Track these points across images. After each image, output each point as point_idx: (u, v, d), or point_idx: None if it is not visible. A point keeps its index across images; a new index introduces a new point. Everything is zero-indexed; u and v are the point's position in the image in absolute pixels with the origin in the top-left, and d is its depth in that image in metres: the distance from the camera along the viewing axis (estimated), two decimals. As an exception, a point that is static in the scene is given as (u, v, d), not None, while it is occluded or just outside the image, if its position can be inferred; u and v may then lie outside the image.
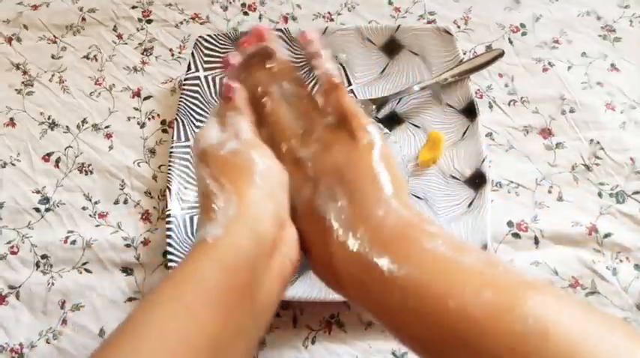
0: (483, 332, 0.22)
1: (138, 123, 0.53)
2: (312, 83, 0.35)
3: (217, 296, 0.25)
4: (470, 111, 0.49)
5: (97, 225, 0.48)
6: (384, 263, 0.25)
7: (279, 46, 0.35)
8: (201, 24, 0.58)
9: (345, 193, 0.29)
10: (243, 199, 0.28)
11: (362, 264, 0.26)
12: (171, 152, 0.48)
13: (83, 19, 0.59)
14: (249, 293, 0.27)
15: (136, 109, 0.54)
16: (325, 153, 0.31)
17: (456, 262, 0.25)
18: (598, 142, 0.50)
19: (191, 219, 0.46)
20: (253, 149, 0.31)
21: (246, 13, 0.59)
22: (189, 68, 0.52)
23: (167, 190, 0.46)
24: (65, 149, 0.52)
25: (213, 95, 0.52)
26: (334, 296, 0.41)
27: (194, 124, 0.50)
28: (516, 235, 0.47)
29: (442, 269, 0.25)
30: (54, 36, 0.58)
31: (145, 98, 0.54)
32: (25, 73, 0.56)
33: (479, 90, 0.53)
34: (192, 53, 0.53)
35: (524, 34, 0.56)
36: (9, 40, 0.58)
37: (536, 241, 0.46)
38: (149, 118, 0.53)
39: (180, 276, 0.26)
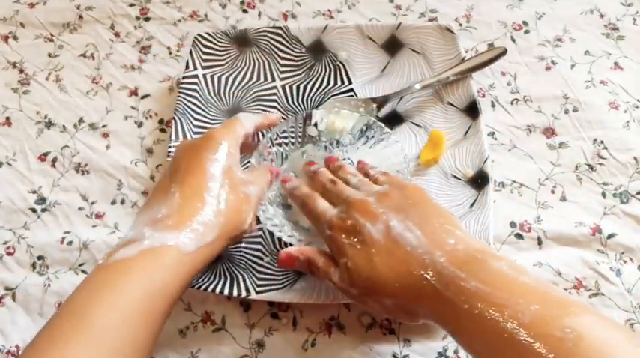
0: (528, 336, 0.26)
1: (135, 122, 0.52)
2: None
3: (151, 307, 0.31)
4: (472, 110, 0.49)
5: (94, 226, 0.48)
6: (461, 277, 0.30)
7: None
8: (199, 22, 0.58)
9: (416, 226, 0.34)
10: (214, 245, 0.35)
11: (442, 278, 0.31)
12: (169, 151, 0.48)
13: (80, 17, 0.58)
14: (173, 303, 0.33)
15: (134, 108, 0.53)
16: (386, 198, 0.36)
17: (515, 280, 0.30)
18: (601, 142, 0.50)
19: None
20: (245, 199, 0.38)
21: (245, 11, 0.58)
22: (187, 66, 0.52)
23: (165, 190, 0.46)
24: (62, 148, 0.51)
25: (212, 94, 0.52)
26: (334, 298, 0.41)
27: (192, 123, 0.50)
28: (519, 236, 0.46)
29: (503, 285, 0.30)
30: (51, 34, 0.57)
31: (143, 97, 0.54)
32: (21, 71, 0.55)
33: (481, 88, 0.53)
34: (191, 51, 0.52)
35: (526, 32, 0.56)
36: (5, 39, 0.57)
37: (540, 242, 0.46)
38: (147, 117, 0.53)
39: (122, 279, 0.31)
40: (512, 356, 0.27)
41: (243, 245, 0.45)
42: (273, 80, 0.53)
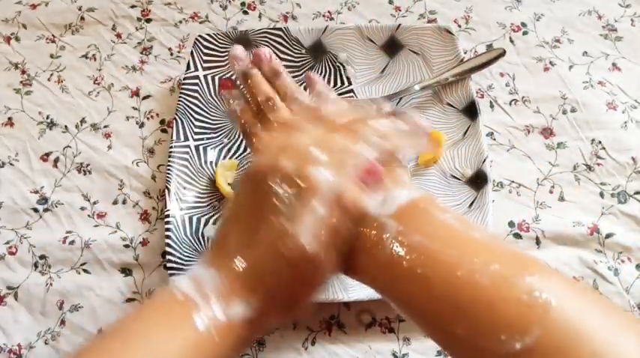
0: (490, 301, 0.23)
1: (137, 123, 0.53)
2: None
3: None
4: (471, 111, 0.49)
5: (96, 226, 0.48)
6: (394, 228, 0.26)
7: (283, 68, 0.37)
8: (200, 23, 0.58)
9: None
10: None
11: (372, 232, 0.27)
12: (170, 152, 0.48)
13: (82, 18, 0.58)
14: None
15: (135, 109, 0.53)
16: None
17: (466, 234, 0.26)
18: (600, 142, 0.50)
19: (190, 219, 0.46)
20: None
21: (245, 12, 0.58)
22: (188, 67, 0.52)
23: (166, 190, 0.46)
24: (64, 149, 0.51)
25: (213, 94, 0.52)
26: (334, 297, 0.41)
27: (193, 124, 0.50)
28: (518, 235, 0.46)
29: (452, 240, 0.25)
30: (52, 35, 0.58)
31: (144, 97, 0.54)
32: (23, 72, 0.56)
33: (480, 89, 0.53)
34: (192, 52, 0.52)
35: (525, 33, 0.56)
36: (7, 40, 0.57)
37: (538, 241, 0.46)
38: (148, 118, 0.53)
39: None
40: (469, 325, 0.23)
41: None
42: (274, 81, 0.53)
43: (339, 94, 0.52)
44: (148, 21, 0.58)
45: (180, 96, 0.50)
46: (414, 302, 0.25)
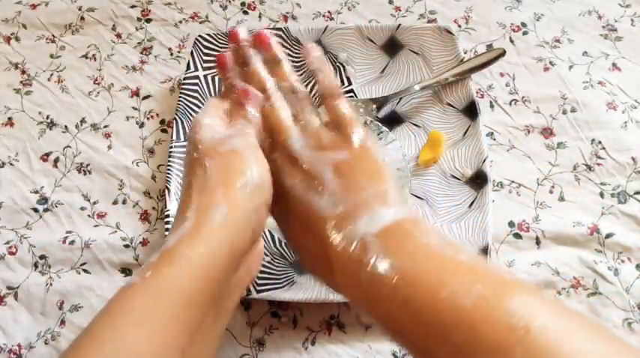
0: (472, 324, 0.23)
1: (137, 123, 0.53)
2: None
3: (190, 309, 0.25)
4: (471, 111, 0.49)
5: (96, 226, 0.48)
6: (378, 252, 0.26)
7: (283, 54, 0.36)
8: (200, 23, 0.58)
9: (343, 189, 0.29)
10: (233, 210, 0.28)
11: (356, 253, 0.27)
12: (170, 152, 0.48)
13: (82, 18, 0.58)
14: (214, 305, 0.27)
15: (135, 109, 0.53)
16: (324, 152, 0.31)
17: (448, 256, 0.26)
18: (600, 142, 0.50)
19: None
20: (254, 157, 0.30)
21: (245, 12, 0.58)
22: (188, 67, 0.52)
23: (166, 190, 0.46)
24: (64, 149, 0.51)
25: (213, 94, 0.52)
26: (334, 297, 0.41)
27: (193, 124, 0.50)
28: (518, 235, 0.46)
29: (434, 262, 0.25)
30: (52, 35, 0.58)
31: (144, 97, 0.54)
32: (23, 72, 0.56)
33: (480, 89, 0.53)
34: (192, 52, 0.52)
35: (525, 33, 0.56)
36: (7, 40, 0.57)
37: (538, 241, 0.46)
38: (148, 118, 0.53)
39: (155, 285, 0.25)
40: (452, 347, 0.23)
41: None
42: (274, 81, 0.53)
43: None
44: (148, 21, 0.58)
45: (180, 96, 0.50)
46: (397, 324, 0.26)
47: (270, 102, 0.34)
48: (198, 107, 0.51)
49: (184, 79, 0.52)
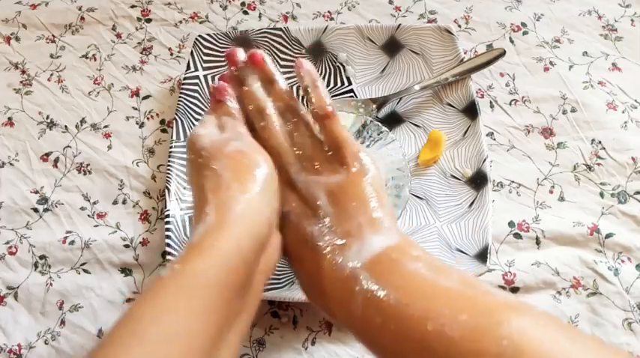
0: (460, 353, 0.23)
1: (137, 123, 0.53)
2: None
3: (218, 297, 0.26)
4: (471, 111, 0.49)
5: (96, 226, 0.48)
6: (367, 284, 0.27)
7: (279, 74, 0.36)
8: (200, 23, 0.58)
9: (335, 215, 0.30)
10: (249, 199, 0.29)
11: (347, 284, 0.27)
12: (170, 152, 0.48)
13: (82, 18, 0.58)
14: (242, 293, 0.28)
15: (135, 109, 0.53)
16: (318, 177, 0.32)
17: (435, 285, 0.26)
18: (600, 142, 0.50)
19: (190, 219, 0.46)
20: (258, 152, 0.32)
21: (245, 12, 0.58)
22: (188, 67, 0.52)
23: (166, 190, 0.46)
24: (64, 149, 0.51)
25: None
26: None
27: (193, 124, 0.50)
28: (518, 235, 0.46)
29: (422, 292, 0.26)
30: (53, 35, 0.58)
31: (144, 97, 0.54)
32: (23, 72, 0.56)
33: (480, 89, 0.53)
34: (192, 52, 0.52)
35: (525, 33, 0.56)
36: (7, 40, 0.57)
37: (538, 241, 0.46)
38: (148, 118, 0.53)
39: (185, 275, 0.26)
40: None
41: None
42: (274, 81, 0.53)
43: (339, 94, 0.52)
44: (148, 21, 0.58)
45: (180, 96, 0.50)
46: (389, 353, 0.26)
47: (267, 125, 0.34)
48: (199, 107, 0.51)
49: (184, 79, 0.52)
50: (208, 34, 0.53)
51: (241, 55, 0.37)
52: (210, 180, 0.30)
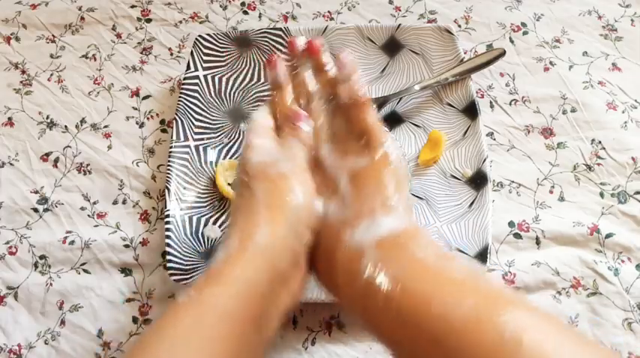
0: (461, 339, 0.23)
1: (137, 123, 0.53)
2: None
3: (233, 327, 0.26)
4: (471, 111, 0.49)
5: (96, 226, 0.48)
6: (373, 258, 0.27)
7: (331, 64, 0.37)
8: (200, 23, 0.58)
9: (352, 196, 0.31)
10: (275, 231, 0.29)
11: (353, 260, 0.28)
12: (170, 152, 0.48)
13: (82, 18, 0.58)
14: (258, 325, 0.28)
15: (135, 109, 0.53)
16: (345, 159, 0.33)
17: (443, 271, 0.27)
18: (600, 142, 0.50)
19: (190, 219, 0.46)
20: (300, 181, 0.32)
21: (245, 12, 0.58)
22: (188, 67, 0.52)
23: (166, 190, 0.46)
24: (64, 149, 0.51)
25: (213, 94, 0.52)
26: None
27: (193, 124, 0.50)
28: (517, 235, 0.46)
29: (428, 277, 0.26)
30: (53, 35, 0.58)
31: (144, 97, 0.54)
32: (23, 72, 0.56)
33: (480, 89, 0.53)
34: (192, 52, 0.52)
35: (525, 33, 0.56)
36: (7, 40, 0.57)
37: (538, 241, 0.46)
38: (148, 118, 0.53)
39: (200, 303, 0.27)
40: (442, 356, 0.24)
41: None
42: (274, 81, 0.53)
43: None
44: (148, 21, 0.58)
45: (180, 96, 0.50)
46: (390, 333, 0.27)
47: (310, 106, 0.36)
48: (199, 107, 0.51)
49: (184, 79, 0.52)
50: (208, 34, 0.53)
51: (302, 42, 0.38)
52: (244, 201, 0.31)
